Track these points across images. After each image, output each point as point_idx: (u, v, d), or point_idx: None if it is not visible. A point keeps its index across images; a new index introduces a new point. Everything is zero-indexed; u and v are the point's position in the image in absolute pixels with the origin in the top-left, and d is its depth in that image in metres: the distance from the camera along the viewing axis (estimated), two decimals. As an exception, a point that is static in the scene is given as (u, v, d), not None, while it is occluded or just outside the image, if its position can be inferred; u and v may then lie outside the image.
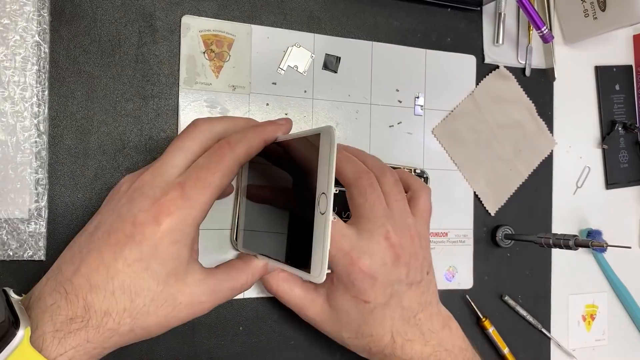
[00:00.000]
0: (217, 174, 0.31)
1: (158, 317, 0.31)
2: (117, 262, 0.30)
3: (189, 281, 0.32)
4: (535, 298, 0.53)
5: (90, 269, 0.30)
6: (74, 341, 0.29)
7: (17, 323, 0.27)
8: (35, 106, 0.37)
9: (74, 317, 0.29)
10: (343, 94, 0.46)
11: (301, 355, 0.44)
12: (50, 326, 0.29)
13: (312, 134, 0.31)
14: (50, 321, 0.29)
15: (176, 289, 0.32)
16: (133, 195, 0.31)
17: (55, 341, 0.28)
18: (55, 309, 0.29)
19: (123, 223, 0.31)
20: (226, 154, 0.32)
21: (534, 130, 0.53)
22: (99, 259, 0.30)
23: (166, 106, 0.41)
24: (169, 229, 0.30)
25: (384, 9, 0.47)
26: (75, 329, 0.29)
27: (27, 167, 0.37)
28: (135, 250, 0.30)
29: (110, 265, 0.30)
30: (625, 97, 0.57)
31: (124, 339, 0.31)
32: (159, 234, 0.30)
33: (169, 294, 0.31)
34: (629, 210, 0.58)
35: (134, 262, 0.30)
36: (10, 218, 0.36)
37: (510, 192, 0.52)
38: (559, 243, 0.45)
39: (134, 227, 0.30)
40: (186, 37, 0.41)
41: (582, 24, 0.53)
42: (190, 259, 0.32)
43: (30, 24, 0.37)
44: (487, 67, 0.51)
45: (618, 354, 0.57)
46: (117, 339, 0.30)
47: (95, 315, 0.29)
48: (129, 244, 0.30)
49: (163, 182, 0.31)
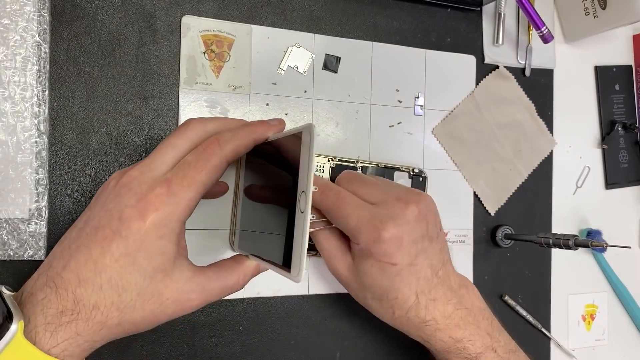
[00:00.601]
0: (203, 171, 0.32)
1: (145, 312, 0.32)
2: (105, 257, 0.30)
3: (176, 277, 0.32)
4: (535, 298, 0.53)
5: (79, 263, 0.30)
6: (66, 333, 0.29)
7: (11, 317, 0.28)
8: (36, 106, 0.37)
9: (64, 310, 0.30)
10: (343, 94, 0.46)
11: (301, 355, 0.44)
12: (41, 319, 0.29)
13: (295, 132, 0.31)
14: (41, 314, 0.29)
15: (163, 284, 0.32)
16: (120, 191, 0.32)
17: (47, 334, 0.29)
18: (46, 303, 0.30)
19: (110, 219, 0.31)
20: (214, 152, 0.32)
21: (533, 130, 0.53)
22: (87, 254, 0.31)
23: (166, 106, 0.41)
24: (155, 225, 0.31)
25: (384, 9, 0.47)
26: (65, 322, 0.29)
27: (27, 167, 0.37)
28: (121, 245, 0.30)
29: (98, 260, 0.30)
30: (625, 97, 0.57)
31: (112, 333, 0.31)
32: (144, 229, 0.30)
33: (155, 289, 0.32)
34: (628, 210, 0.58)
35: (121, 257, 0.30)
36: (11, 218, 0.36)
37: (510, 192, 0.52)
38: (559, 243, 0.45)
39: (120, 222, 0.31)
40: (186, 37, 0.41)
41: (583, 22, 0.53)
42: (177, 255, 0.32)
43: (31, 24, 0.37)
44: (487, 67, 0.51)
45: (618, 353, 0.57)
46: (105, 332, 0.31)
47: (85, 309, 0.30)
48: (116, 239, 0.30)
49: (150, 178, 0.32)
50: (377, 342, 0.47)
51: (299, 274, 0.28)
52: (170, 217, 0.31)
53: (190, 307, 0.33)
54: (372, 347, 0.46)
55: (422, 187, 0.47)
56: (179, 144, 0.33)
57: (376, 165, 0.45)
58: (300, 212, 0.29)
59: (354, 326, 0.46)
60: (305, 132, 0.29)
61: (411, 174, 0.46)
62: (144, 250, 0.31)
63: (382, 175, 0.45)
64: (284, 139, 0.33)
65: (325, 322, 0.45)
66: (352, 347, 0.46)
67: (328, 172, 0.44)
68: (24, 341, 0.28)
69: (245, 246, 0.38)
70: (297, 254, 0.29)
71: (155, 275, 0.31)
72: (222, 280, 0.34)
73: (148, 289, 0.31)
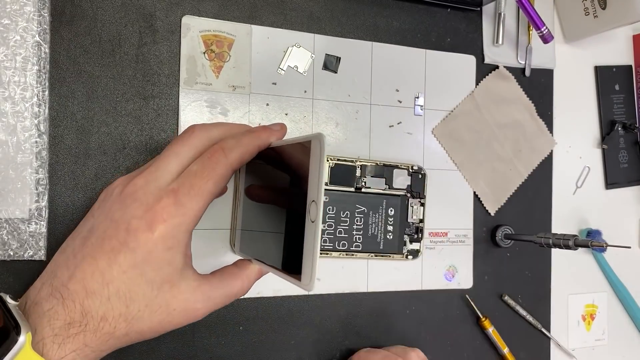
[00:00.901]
0: (210, 181, 0.32)
1: (152, 323, 0.32)
2: (112, 269, 0.30)
3: (182, 288, 0.32)
4: (535, 298, 0.53)
5: (85, 274, 0.30)
6: (73, 345, 0.29)
7: (18, 329, 0.28)
8: (36, 106, 0.37)
9: (71, 322, 0.29)
10: (343, 94, 0.46)
11: (301, 355, 0.44)
12: (49, 331, 0.29)
13: (303, 140, 0.30)
14: (48, 326, 0.29)
15: (170, 295, 0.32)
16: (126, 201, 0.32)
17: (55, 346, 0.29)
18: (52, 314, 0.29)
19: (117, 230, 0.31)
20: (220, 161, 0.32)
21: (533, 130, 0.53)
22: (94, 265, 0.30)
23: (166, 106, 0.41)
24: (163, 236, 0.31)
25: (384, 9, 0.47)
26: (73, 334, 0.29)
27: (27, 167, 0.37)
28: (129, 257, 0.30)
29: (105, 271, 0.30)
30: (625, 97, 0.57)
31: (119, 342, 0.31)
32: (152, 241, 0.30)
33: (163, 300, 0.32)
34: (628, 210, 0.58)
35: (129, 268, 0.30)
36: (11, 218, 0.36)
37: (510, 192, 0.52)
38: (559, 243, 0.45)
39: (128, 234, 0.30)
40: (186, 37, 0.41)
41: (583, 22, 0.53)
42: (184, 264, 0.32)
43: (31, 24, 0.37)
44: (487, 67, 0.51)
45: (618, 353, 0.57)
46: (113, 342, 0.31)
47: (93, 320, 0.30)
48: (123, 250, 0.30)
49: (156, 188, 0.31)
50: (377, 342, 0.47)
51: (311, 283, 0.28)
52: (178, 228, 0.31)
53: (196, 316, 0.33)
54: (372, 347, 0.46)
55: (421, 184, 0.47)
56: (182, 152, 0.33)
57: (375, 163, 0.45)
58: (311, 221, 0.29)
59: (354, 326, 0.46)
60: (315, 141, 0.29)
61: (410, 171, 0.47)
62: (151, 261, 0.31)
63: (381, 173, 0.45)
64: (290, 146, 0.33)
65: (325, 322, 0.45)
66: (352, 347, 0.46)
67: (327, 172, 0.44)
68: (32, 353, 0.28)
69: (247, 248, 0.38)
70: (308, 263, 0.28)
71: (163, 286, 0.32)
72: (226, 288, 0.35)
73: (156, 300, 0.31)
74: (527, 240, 0.48)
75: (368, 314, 0.47)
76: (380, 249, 0.46)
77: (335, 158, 0.44)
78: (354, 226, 0.45)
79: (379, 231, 0.46)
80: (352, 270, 0.46)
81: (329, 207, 0.44)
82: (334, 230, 0.44)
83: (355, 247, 0.45)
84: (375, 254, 0.46)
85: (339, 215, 0.44)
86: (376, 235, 0.46)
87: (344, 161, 0.44)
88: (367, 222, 0.45)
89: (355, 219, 0.45)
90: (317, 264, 0.28)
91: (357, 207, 0.45)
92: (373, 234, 0.45)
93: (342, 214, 0.44)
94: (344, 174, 0.44)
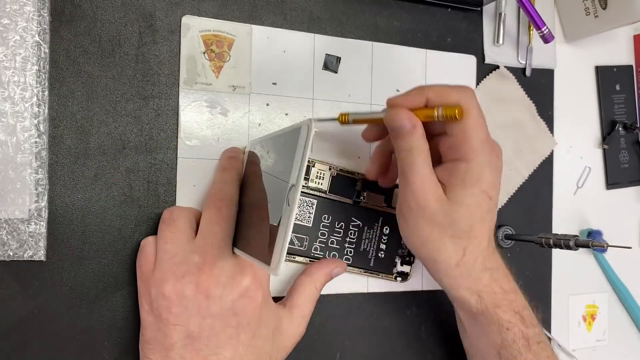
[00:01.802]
0: None
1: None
2: (238, 351, 0.35)
3: (284, 326, 0.38)
4: (535, 298, 0.53)
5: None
6: None
7: None
8: (35, 106, 0.37)
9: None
10: (343, 94, 0.46)
11: (301, 355, 0.44)
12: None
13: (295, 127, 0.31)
14: None
15: (282, 338, 0.38)
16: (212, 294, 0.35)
17: None
18: None
19: (225, 319, 0.35)
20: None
21: (534, 131, 0.53)
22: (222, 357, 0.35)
23: (166, 106, 0.41)
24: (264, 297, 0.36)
25: (384, 9, 0.47)
26: None
27: (27, 167, 0.37)
28: (247, 331, 0.36)
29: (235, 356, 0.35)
30: (625, 97, 0.57)
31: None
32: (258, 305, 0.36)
33: (280, 346, 0.38)
34: (629, 210, 0.58)
35: (250, 340, 0.36)
36: (11, 218, 0.36)
37: (510, 192, 0.52)
38: (560, 243, 0.45)
39: (236, 315, 0.35)
40: (186, 37, 0.41)
41: (583, 22, 0.53)
42: (277, 307, 0.38)
43: (31, 24, 0.37)
44: (488, 67, 0.51)
45: (618, 354, 0.57)
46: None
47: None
48: (241, 330, 0.35)
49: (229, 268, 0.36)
50: (377, 342, 0.47)
51: (278, 267, 0.28)
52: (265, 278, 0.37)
53: (300, 335, 0.40)
54: (372, 347, 0.46)
55: None
56: None
57: None
58: (288, 205, 0.29)
59: (354, 326, 0.46)
60: (304, 125, 0.29)
61: None
62: (262, 323, 0.36)
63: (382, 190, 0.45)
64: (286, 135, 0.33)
65: (325, 322, 0.45)
66: (352, 347, 0.46)
67: (328, 180, 0.43)
68: None
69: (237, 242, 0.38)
70: (278, 247, 0.28)
71: (275, 336, 0.37)
72: (308, 302, 0.40)
73: (274, 349, 0.37)
74: (528, 240, 0.48)
75: (368, 315, 0.46)
76: (370, 266, 0.45)
77: (338, 168, 0.44)
78: (347, 239, 0.44)
79: (371, 247, 0.45)
80: (352, 271, 0.46)
81: (324, 216, 0.43)
82: (326, 240, 0.43)
83: (344, 260, 0.44)
84: (365, 270, 0.45)
85: (333, 225, 0.43)
86: (368, 252, 0.45)
87: (346, 173, 0.44)
88: (361, 237, 0.44)
89: (350, 232, 0.44)
90: (285, 248, 0.28)
91: (352, 220, 0.44)
92: (365, 250, 0.45)
93: (336, 224, 0.43)
94: (344, 185, 0.44)
